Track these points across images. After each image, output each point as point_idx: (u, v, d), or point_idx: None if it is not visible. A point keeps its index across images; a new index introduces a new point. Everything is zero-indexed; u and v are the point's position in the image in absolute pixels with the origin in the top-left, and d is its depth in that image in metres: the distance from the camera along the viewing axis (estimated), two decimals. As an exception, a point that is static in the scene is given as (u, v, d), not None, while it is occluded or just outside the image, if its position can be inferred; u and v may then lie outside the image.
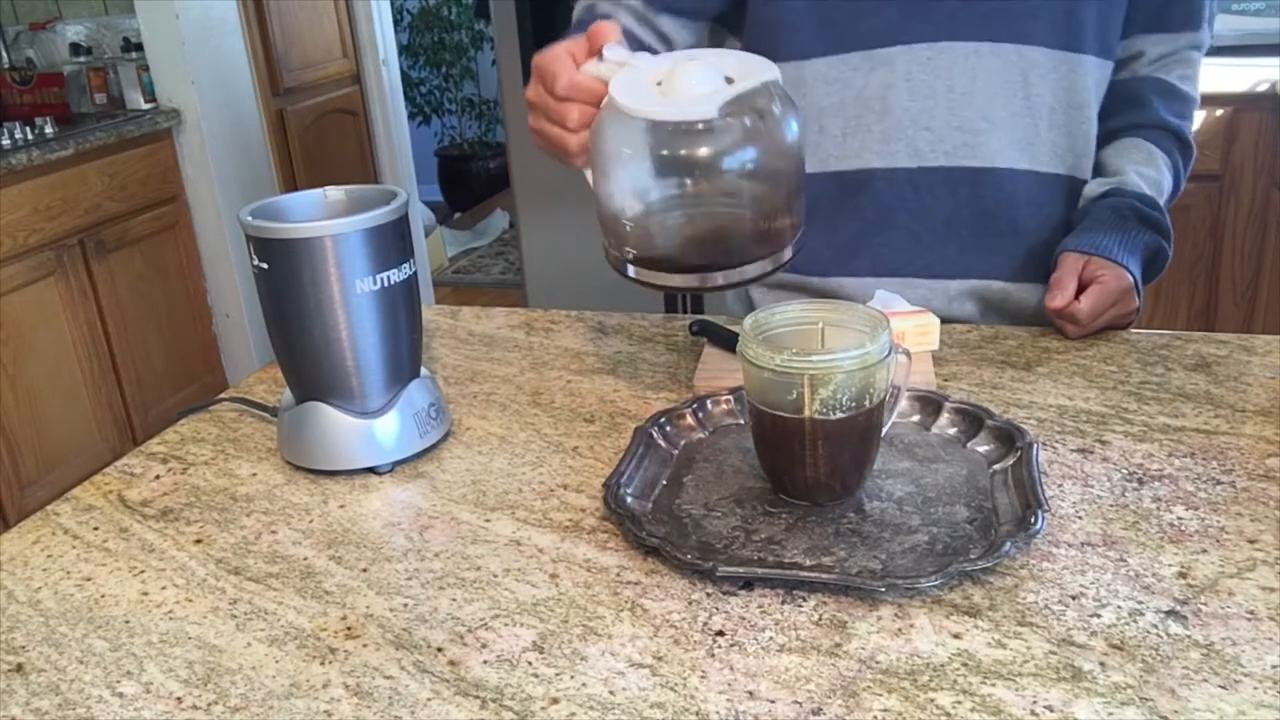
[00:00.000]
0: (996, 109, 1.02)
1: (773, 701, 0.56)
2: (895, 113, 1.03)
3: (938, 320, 0.97)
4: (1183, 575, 0.64)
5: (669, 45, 1.10)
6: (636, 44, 1.06)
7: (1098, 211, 1.02)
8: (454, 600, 0.67)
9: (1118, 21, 1.05)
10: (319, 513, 0.79)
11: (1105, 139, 1.09)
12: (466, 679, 0.59)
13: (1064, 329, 0.99)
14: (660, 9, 1.08)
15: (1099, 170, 1.09)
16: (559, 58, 0.83)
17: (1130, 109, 1.09)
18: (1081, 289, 0.97)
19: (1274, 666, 0.56)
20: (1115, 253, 0.98)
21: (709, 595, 0.65)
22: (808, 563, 0.67)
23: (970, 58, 1.01)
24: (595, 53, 0.82)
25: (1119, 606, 0.62)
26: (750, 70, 0.78)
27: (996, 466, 0.76)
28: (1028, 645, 0.59)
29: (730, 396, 0.87)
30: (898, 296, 0.99)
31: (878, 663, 0.58)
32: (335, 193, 0.88)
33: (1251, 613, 0.61)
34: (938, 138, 1.03)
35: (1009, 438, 0.78)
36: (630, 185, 0.81)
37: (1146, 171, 1.06)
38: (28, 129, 2.51)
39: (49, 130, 2.56)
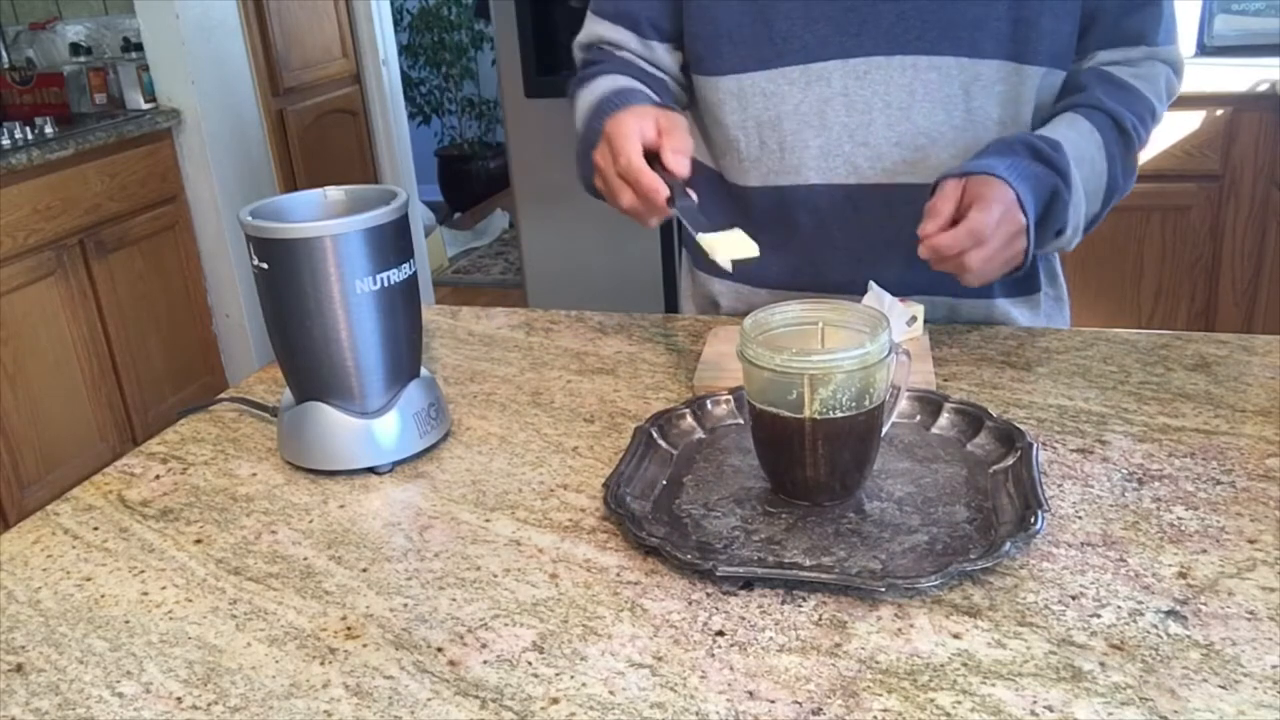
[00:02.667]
0: (937, 124, 1.01)
1: (773, 701, 0.56)
2: (833, 128, 1.03)
3: (923, 307, 0.97)
4: (1183, 575, 0.64)
5: (663, 70, 1.13)
6: (640, 75, 1.09)
7: (985, 146, 0.94)
8: (454, 600, 0.67)
9: (1068, 33, 1.01)
10: (319, 513, 0.79)
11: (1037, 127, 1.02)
12: (466, 679, 0.59)
13: (957, 267, 0.83)
14: (653, 38, 1.11)
15: None
16: (629, 136, 0.87)
17: (1067, 94, 1.03)
18: (960, 217, 0.84)
19: (1274, 666, 0.56)
20: (999, 170, 0.86)
21: (709, 595, 0.65)
22: (808, 563, 0.67)
23: (907, 72, 1.00)
24: (658, 147, 0.87)
25: (1119, 606, 0.62)
26: None
27: (996, 466, 0.76)
28: (1028, 645, 0.59)
29: (730, 396, 0.87)
30: (887, 293, 0.99)
31: (878, 663, 0.58)
32: (335, 193, 0.88)
33: (1251, 613, 0.61)
34: (876, 154, 1.03)
35: (1009, 438, 0.78)
36: None
37: (1064, 131, 0.95)
38: (28, 129, 2.51)
39: (49, 130, 2.56)
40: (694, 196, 0.85)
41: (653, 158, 0.87)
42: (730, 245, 0.78)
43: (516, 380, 1.00)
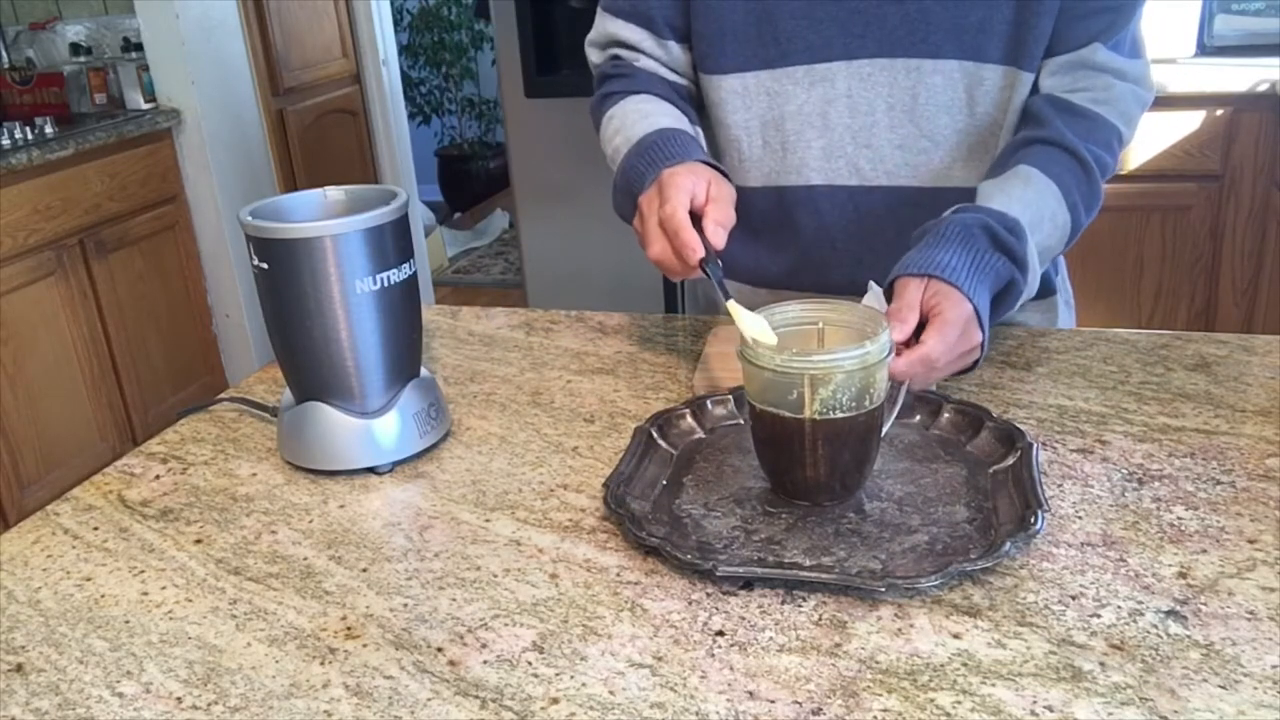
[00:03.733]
0: (940, 127, 1.01)
1: (773, 701, 0.56)
2: (836, 129, 1.03)
3: None
4: (1183, 575, 0.64)
5: (681, 73, 1.12)
6: (667, 92, 1.09)
7: (944, 227, 0.87)
8: (454, 600, 0.67)
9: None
10: (319, 513, 0.79)
11: (994, 162, 1.00)
12: (466, 679, 0.59)
13: (909, 381, 0.80)
14: (669, 37, 1.10)
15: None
16: (681, 189, 0.87)
17: (1025, 124, 0.99)
18: (923, 321, 0.81)
19: (1274, 666, 0.56)
20: (960, 276, 0.82)
21: (709, 595, 0.65)
22: (808, 563, 0.67)
23: (911, 74, 0.99)
24: (702, 213, 0.87)
25: (1119, 606, 0.62)
26: None
27: (996, 467, 0.76)
28: (1028, 645, 0.59)
29: (730, 396, 0.87)
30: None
31: (878, 663, 0.58)
32: (335, 193, 0.88)
33: (1251, 613, 0.61)
34: (878, 156, 1.03)
35: (1009, 438, 0.78)
36: None
37: (1020, 193, 0.92)
38: (28, 129, 2.51)
39: (49, 130, 2.56)
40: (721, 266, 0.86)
41: (692, 220, 0.87)
42: (754, 325, 0.78)
43: (516, 380, 1.00)
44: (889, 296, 0.85)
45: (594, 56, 1.17)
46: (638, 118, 1.03)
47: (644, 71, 1.11)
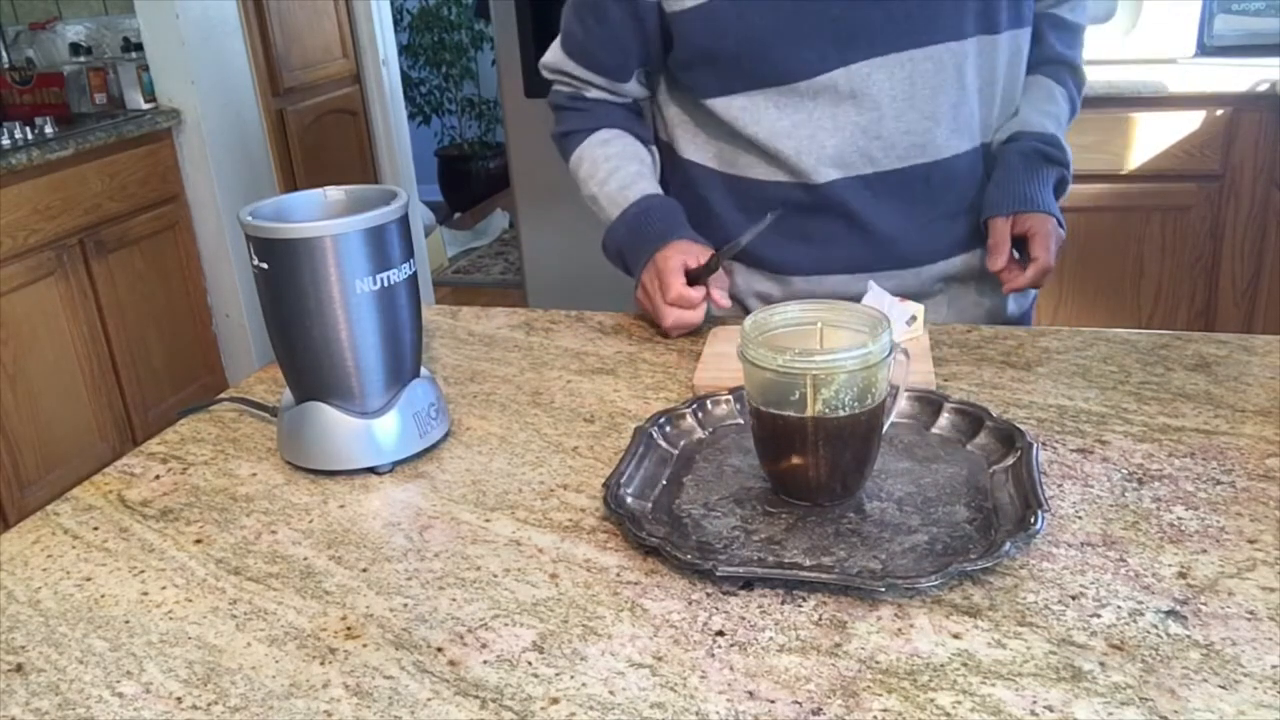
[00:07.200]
0: (938, 105, 1.08)
1: (773, 701, 0.56)
2: (846, 129, 1.07)
3: (923, 307, 1.00)
4: (1183, 575, 0.64)
5: (626, 97, 1.20)
6: (625, 121, 1.21)
7: (1008, 158, 1.12)
8: (454, 600, 0.67)
9: None
10: (319, 513, 0.79)
11: None
12: (466, 679, 0.59)
13: (1022, 280, 1.08)
14: (621, 79, 1.18)
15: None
16: (676, 272, 1.06)
17: (1034, 44, 1.16)
18: (1017, 241, 1.09)
19: (1274, 666, 0.56)
20: (1035, 201, 1.09)
21: (709, 595, 0.65)
22: (808, 563, 0.67)
23: (905, 66, 1.05)
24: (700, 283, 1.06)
25: (1119, 606, 0.62)
26: None
27: (996, 466, 0.76)
28: (1028, 645, 0.59)
29: (730, 396, 0.87)
30: (886, 292, 1.01)
31: (878, 663, 0.58)
32: (335, 193, 0.88)
33: (1251, 613, 0.61)
34: (888, 145, 1.08)
35: (1009, 438, 0.78)
36: None
37: (1047, 108, 1.16)
38: (28, 129, 2.50)
39: (49, 130, 2.55)
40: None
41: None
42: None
43: (516, 380, 1.00)
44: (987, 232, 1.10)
45: (546, 74, 1.24)
46: (608, 171, 1.17)
47: (596, 104, 1.20)
